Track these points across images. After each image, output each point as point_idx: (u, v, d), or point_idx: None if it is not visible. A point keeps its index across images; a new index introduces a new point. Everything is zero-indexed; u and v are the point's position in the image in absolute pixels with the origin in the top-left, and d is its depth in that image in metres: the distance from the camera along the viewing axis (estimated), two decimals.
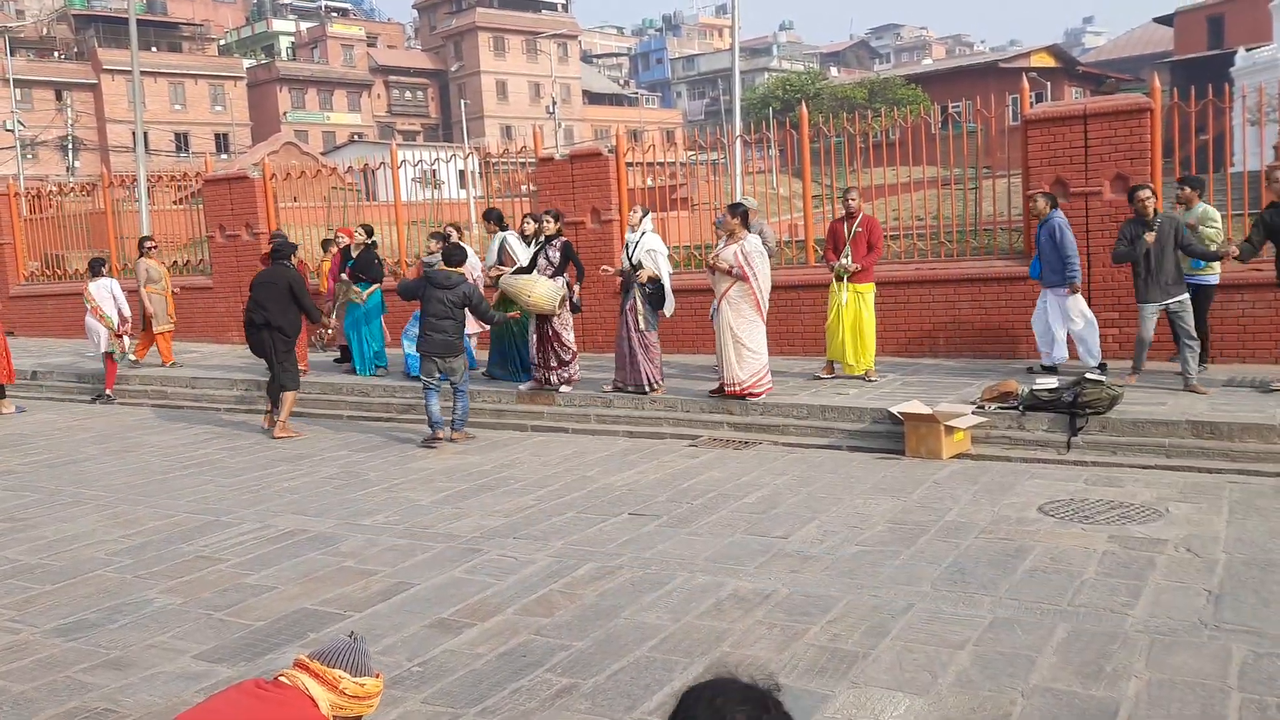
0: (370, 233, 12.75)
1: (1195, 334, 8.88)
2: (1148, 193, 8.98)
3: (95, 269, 13.61)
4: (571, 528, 6.74)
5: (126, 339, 13.74)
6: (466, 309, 9.61)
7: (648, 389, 10.03)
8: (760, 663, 4.48)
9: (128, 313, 13.35)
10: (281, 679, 2.76)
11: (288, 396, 10.42)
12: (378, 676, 2.86)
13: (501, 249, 11.39)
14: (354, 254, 12.47)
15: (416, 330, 11.53)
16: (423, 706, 4.27)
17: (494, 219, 11.78)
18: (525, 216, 11.43)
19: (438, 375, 9.55)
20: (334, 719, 2.76)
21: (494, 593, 5.56)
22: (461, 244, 9.98)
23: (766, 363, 9.66)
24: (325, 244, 13.37)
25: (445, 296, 9.46)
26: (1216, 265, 9.48)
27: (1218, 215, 9.74)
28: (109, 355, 13.33)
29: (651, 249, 9.94)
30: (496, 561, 6.09)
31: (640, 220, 10.15)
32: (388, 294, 12.65)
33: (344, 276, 12.52)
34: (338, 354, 13.64)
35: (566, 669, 4.54)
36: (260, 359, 10.79)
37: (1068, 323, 9.81)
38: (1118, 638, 4.57)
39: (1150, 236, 8.77)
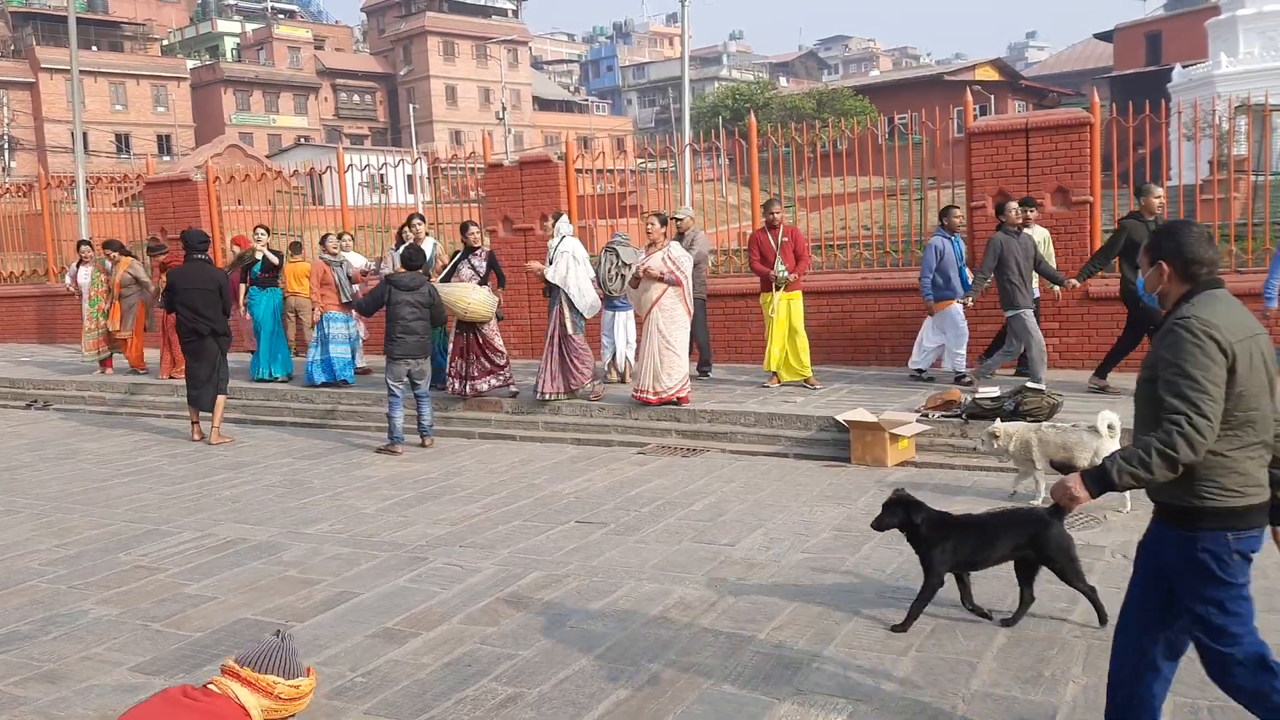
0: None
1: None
2: (1014, 204, 9.53)
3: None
4: (518, 536, 6.70)
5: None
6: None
7: (542, 397, 10.09)
8: (706, 670, 4.49)
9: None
10: (211, 687, 2.70)
11: (222, 401, 10.32)
12: (309, 673, 2.81)
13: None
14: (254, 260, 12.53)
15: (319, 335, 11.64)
16: (365, 718, 4.21)
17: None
18: (412, 217, 11.61)
19: (405, 380, 9.46)
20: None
21: (439, 602, 5.51)
22: (420, 248, 9.90)
23: (685, 367, 9.74)
24: (295, 246, 13.07)
25: (413, 299, 9.40)
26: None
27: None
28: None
29: (566, 251, 10.05)
30: (442, 570, 6.04)
31: (554, 226, 10.32)
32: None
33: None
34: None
35: (512, 678, 4.52)
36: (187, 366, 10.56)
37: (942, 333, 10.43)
38: (1056, 643, 4.65)
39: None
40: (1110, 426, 6.86)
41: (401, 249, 10.46)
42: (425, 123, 68.78)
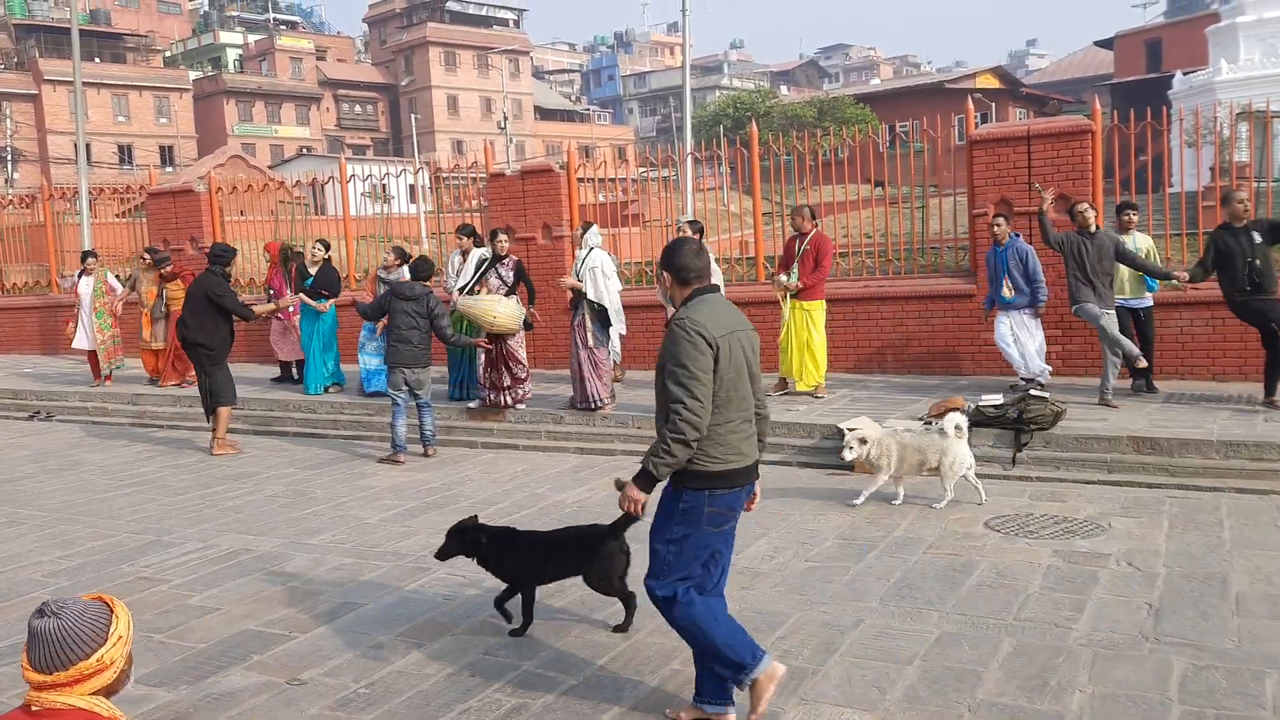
0: (327, 247, 12.54)
1: (1117, 351, 9.10)
2: (1085, 205, 9.27)
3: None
4: None
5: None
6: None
7: (594, 406, 10.01)
8: None
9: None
10: (34, 707, 2.41)
11: (222, 412, 10.26)
12: (113, 614, 2.46)
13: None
14: (311, 270, 12.22)
15: (373, 344, 11.47)
16: None
17: (467, 233, 11.51)
18: (459, 229, 11.45)
19: (404, 389, 9.45)
20: (109, 688, 2.42)
21: (442, 612, 5.50)
22: (429, 259, 9.87)
23: None
24: (285, 254, 13.02)
25: (410, 308, 9.38)
26: (1139, 289, 9.73)
27: (1149, 242, 10.00)
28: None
29: (595, 267, 9.90)
30: (445, 580, 6.02)
31: (583, 236, 10.14)
32: (343, 309, 12.55)
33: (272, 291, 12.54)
34: (276, 372, 13.46)
35: (516, 688, 4.50)
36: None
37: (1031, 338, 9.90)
38: (1062, 651, 4.63)
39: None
40: (958, 428, 7.08)
41: (413, 259, 10.41)
42: (427, 133, 68.92)
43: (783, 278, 10.21)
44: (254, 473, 9.38)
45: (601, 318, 9.94)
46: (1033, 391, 8.63)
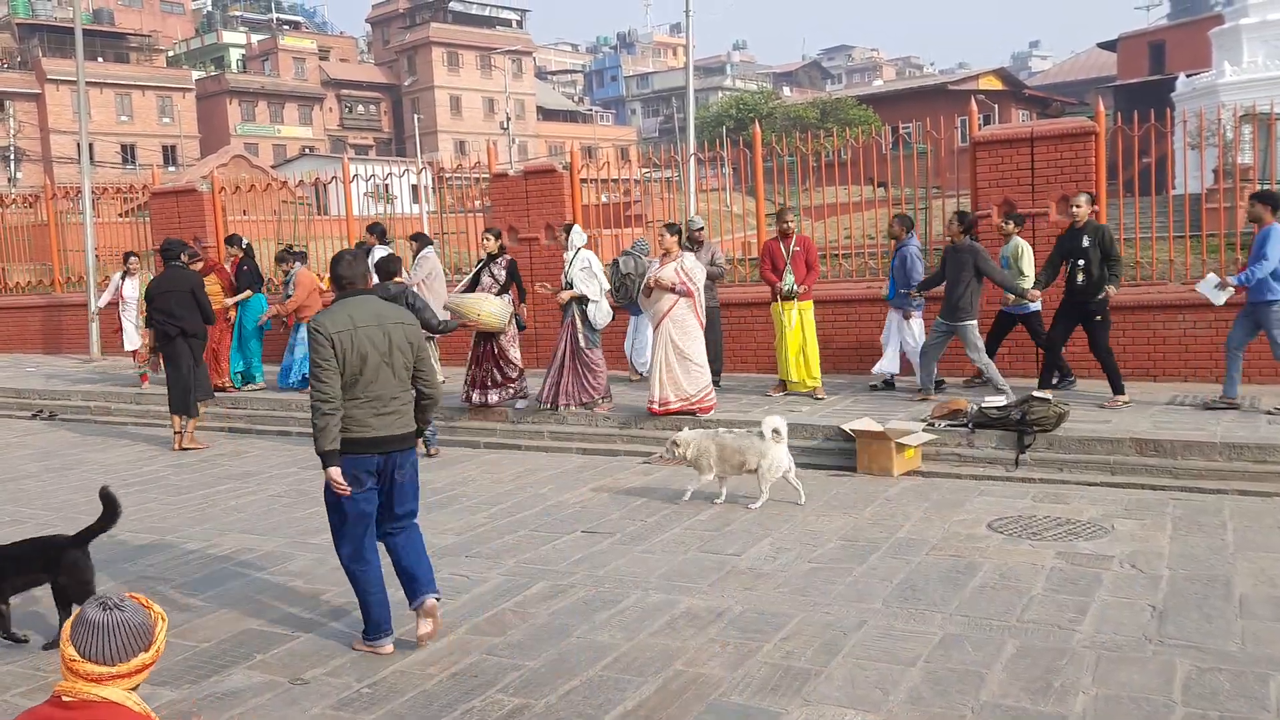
0: (240, 241, 12.92)
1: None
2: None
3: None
4: (524, 546, 6.69)
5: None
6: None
7: (549, 406, 10.08)
8: (713, 681, 4.48)
9: None
10: (66, 698, 2.45)
11: (201, 408, 10.46)
12: (155, 616, 2.55)
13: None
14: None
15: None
16: None
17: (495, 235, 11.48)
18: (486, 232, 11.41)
19: None
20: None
21: (445, 612, 5.48)
22: (395, 255, 9.80)
23: (709, 377, 9.74)
24: (282, 256, 13.04)
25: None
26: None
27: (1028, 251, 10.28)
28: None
29: (584, 267, 9.96)
30: (448, 580, 6.01)
31: (568, 239, 10.21)
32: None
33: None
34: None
35: (518, 689, 4.50)
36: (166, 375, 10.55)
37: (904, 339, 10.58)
38: (1065, 653, 4.63)
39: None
40: (775, 431, 7.33)
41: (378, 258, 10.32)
42: (430, 133, 68.95)
43: (790, 283, 10.19)
44: (257, 472, 9.39)
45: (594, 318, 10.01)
46: (1036, 393, 8.62)
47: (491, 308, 10.01)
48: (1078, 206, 9.31)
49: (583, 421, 10.05)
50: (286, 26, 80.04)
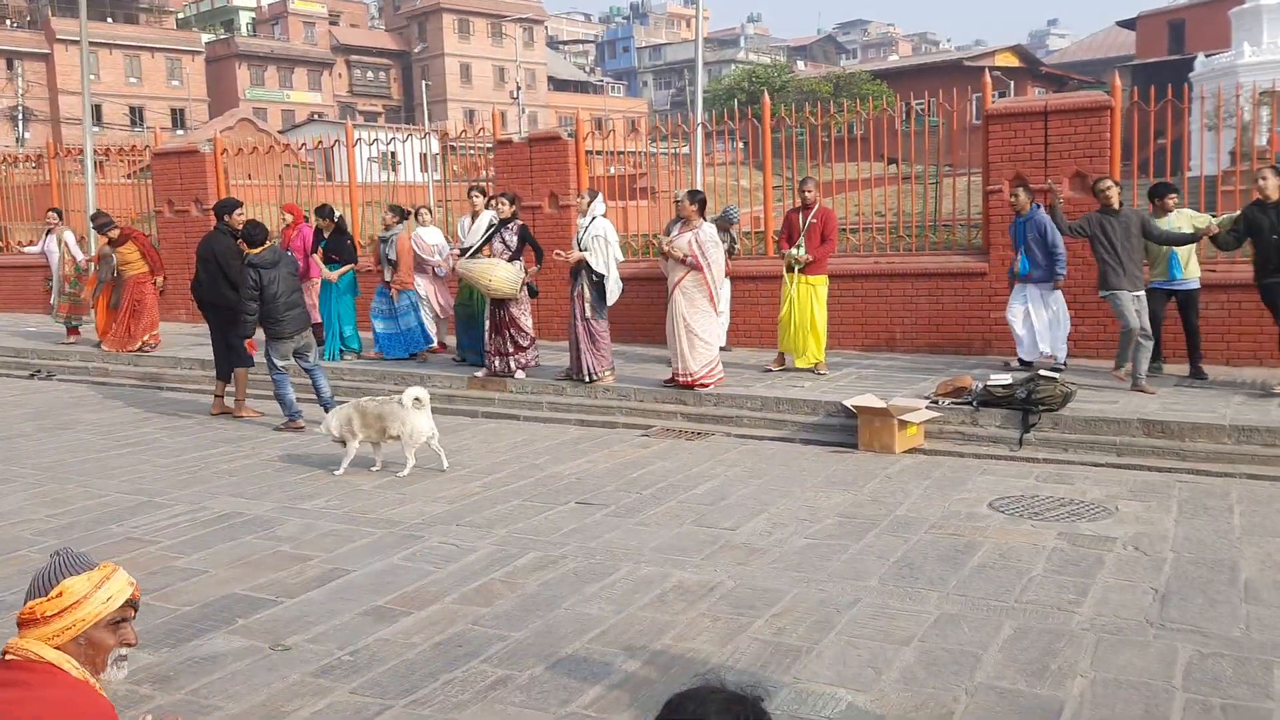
0: (332, 213, 12.25)
1: (1150, 333, 8.86)
2: (1108, 182, 8.97)
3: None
4: (516, 516, 6.59)
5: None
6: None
7: (588, 378, 9.88)
8: (702, 656, 4.37)
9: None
10: (11, 656, 2.33)
11: (240, 373, 10.12)
12: (88, 573, 2.40)
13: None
14: (325, 235, 11.97)
15: (385, 307, 11.60)
16: (350, 697, 4.11)
17: (479, 191, 11.41)
18: (470, 189, 11.36)
19: (293, 356, 9.40)
20: (79, 652, 2.35)
21: (432, 580, 5.40)
22: (259, 222, 9.51)
23: (718, 353, 9.58)
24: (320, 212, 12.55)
25: (285, 272, 9.27)
26: (1195, 269, 9.38)
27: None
28: None
29: (599, 235, 9.74)
30: (437, 549, 5.93)
31: (589, 205, 9.96)
32: (362, 274, 12.43)
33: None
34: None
35: (502, 660, 4.40)
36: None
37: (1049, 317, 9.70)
38: (1064, 636, 4.51)
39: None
40: (417, 399, 7.64)
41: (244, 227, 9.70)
42: (439, 101, 68.60)
43: (793, 250, 10.01)
44: (250, 436, 9.29)
45: (599, 288, 9.80)
46: (1042, 372, 8.46)
47: (502, 273, 9.84)
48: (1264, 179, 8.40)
49: (582, 393, 9.93)
50: None
